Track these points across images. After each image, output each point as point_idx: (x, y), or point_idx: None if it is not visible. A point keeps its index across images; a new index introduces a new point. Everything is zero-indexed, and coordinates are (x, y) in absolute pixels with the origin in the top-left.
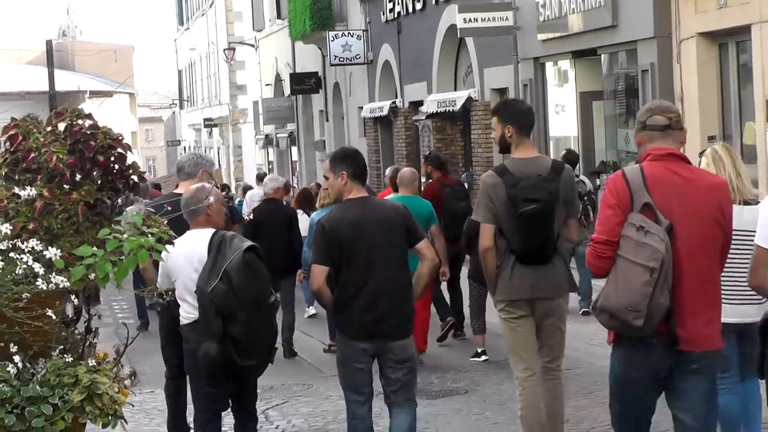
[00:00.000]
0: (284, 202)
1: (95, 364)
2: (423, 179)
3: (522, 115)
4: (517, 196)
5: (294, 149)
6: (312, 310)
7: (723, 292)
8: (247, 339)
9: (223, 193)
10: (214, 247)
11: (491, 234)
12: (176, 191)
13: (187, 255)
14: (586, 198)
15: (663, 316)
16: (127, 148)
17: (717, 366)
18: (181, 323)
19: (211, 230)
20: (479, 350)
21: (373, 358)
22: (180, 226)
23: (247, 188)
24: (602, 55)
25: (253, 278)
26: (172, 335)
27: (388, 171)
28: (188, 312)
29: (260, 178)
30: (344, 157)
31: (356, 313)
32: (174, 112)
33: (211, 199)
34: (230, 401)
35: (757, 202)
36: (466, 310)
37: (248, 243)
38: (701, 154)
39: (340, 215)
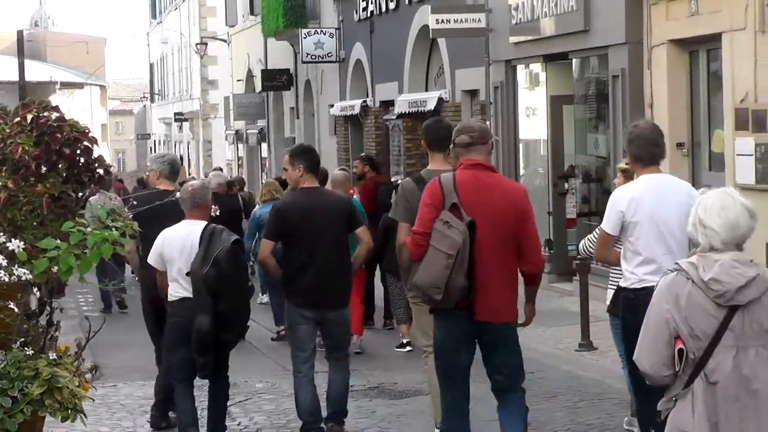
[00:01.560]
0: (239, 198)
1: (56, 357)
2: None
3: (430, 133)
4: None
5: (264, 145)
6: (265, 298)
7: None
8: (230, 315)
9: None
10: (206, 237)
11: (407, 231)
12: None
13: (181, 242)
14: None
15: (461, 293)
16: (94, 141)
17: (512, 335)
18: (169, 299)
19: (204, 222)
20: (404, 341)
21: (317, 323)
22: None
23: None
24: (573, 60)
25: (237, 265)
26: (153, 311)
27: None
28: (176, 291)
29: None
30: (302, 153)
31: (302, 286)
32: (145, 106)
33: (209, 195)
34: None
35: None
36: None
37: (234, 236)
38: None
39: (293, 200)
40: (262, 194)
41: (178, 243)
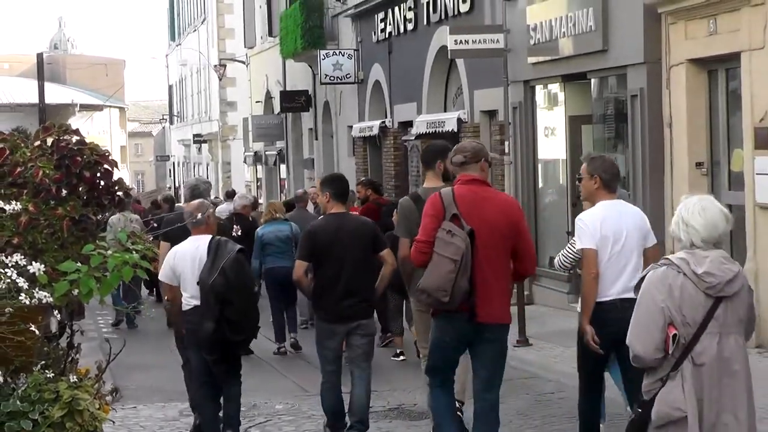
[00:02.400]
0: (250, 218)
1: (77, 380)
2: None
3: (423, 155)
4: None
5: (283, 167)
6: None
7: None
8: (239, 319)
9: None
10: (212, 249)
11: (408, 246)
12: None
13: (191, 255)
14: None
15: (464, 296)
16: (114, 164)
17: (505, 336)
18: (183, 308)
19: (209, 236)
20: (398, 351)
21: (344, 336)
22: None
23: (215, 203)
24: (592, 80)
25: (242, 273)
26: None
27: (299, 191)
28: (189, 300)
29: (229, 195)
30: (329, 182)
31: (331, 302)
32: (164, 127)
33: (210, 212)
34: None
35: None
36: None
37: (239, 246)
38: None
39: (323, 224)
40: (264, 215)
41: (189, 256)
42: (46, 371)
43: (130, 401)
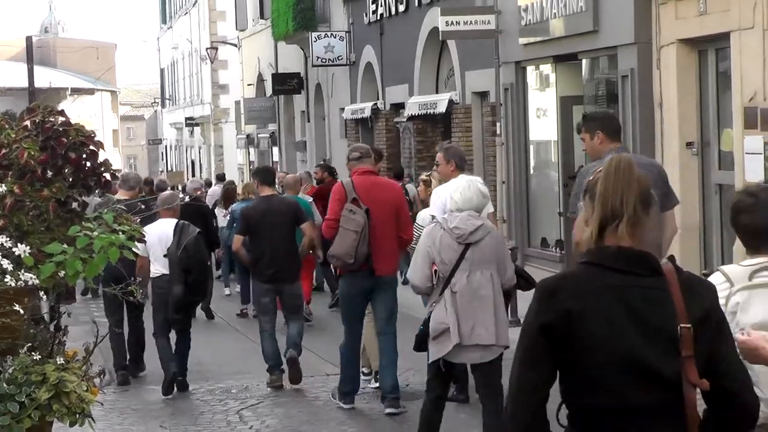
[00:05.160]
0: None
1: (64, 362)
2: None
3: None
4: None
5: (275, 149)
6: (227, 290)
7: None
8: (197, 284)
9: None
10: (178, 230)
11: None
12: (118, 197)
13: (159, 235)
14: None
15: (364, 258)
16: (100, 145)
17: (394, 286)
18: (151, 276)
19: (175, 220)
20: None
21: (275, 294)
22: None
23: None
24: (583, 60)
25: (200, 249)
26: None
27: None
28: (156, 269)
29: (220, 178)
30: (257, 172)
31: (263, 268)
32: (156, 111)
33: (177, 202)
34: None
35: None
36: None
37: (198, 229)
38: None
39: (255, 205)
40: (240, 193)
41: (156, 235)
42: (33, 353)
43: (119, 384)
